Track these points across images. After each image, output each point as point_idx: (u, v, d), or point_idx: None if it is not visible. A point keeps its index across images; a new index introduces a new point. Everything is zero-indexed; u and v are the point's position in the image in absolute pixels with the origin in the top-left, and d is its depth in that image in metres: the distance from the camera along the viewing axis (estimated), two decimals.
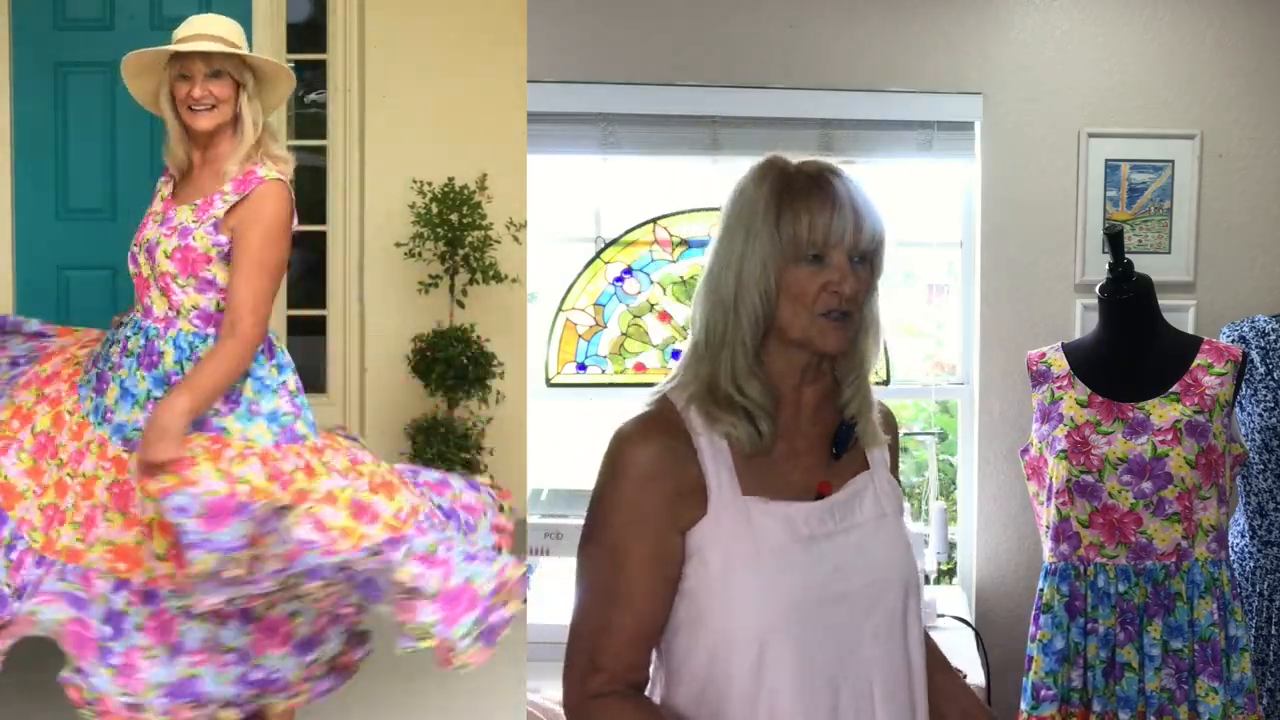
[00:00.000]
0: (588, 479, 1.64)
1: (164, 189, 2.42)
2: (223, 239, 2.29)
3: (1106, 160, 3.45)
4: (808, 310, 1.58)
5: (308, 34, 3.93)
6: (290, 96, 2.50)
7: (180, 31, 2.34)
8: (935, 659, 1.81)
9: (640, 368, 3.59)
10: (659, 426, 1.59)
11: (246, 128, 2.33)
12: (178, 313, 2.31)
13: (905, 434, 4.19)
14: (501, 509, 2.57)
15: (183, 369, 2.30)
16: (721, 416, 1.58)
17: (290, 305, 4.01)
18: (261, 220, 2.29)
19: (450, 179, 3.59)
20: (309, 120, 3.94)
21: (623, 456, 1.57)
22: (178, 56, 2.31)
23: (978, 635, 3.26)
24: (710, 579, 1.57)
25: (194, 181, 2.38)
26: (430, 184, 3.59)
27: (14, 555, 2.21)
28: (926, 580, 3.30)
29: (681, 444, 1.57)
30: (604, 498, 1.59)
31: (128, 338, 2.34)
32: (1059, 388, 2.80)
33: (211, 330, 2.32)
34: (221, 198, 2.30)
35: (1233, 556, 2.99)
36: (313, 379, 4.01)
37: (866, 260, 1.60)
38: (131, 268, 2.39)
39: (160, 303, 2.33)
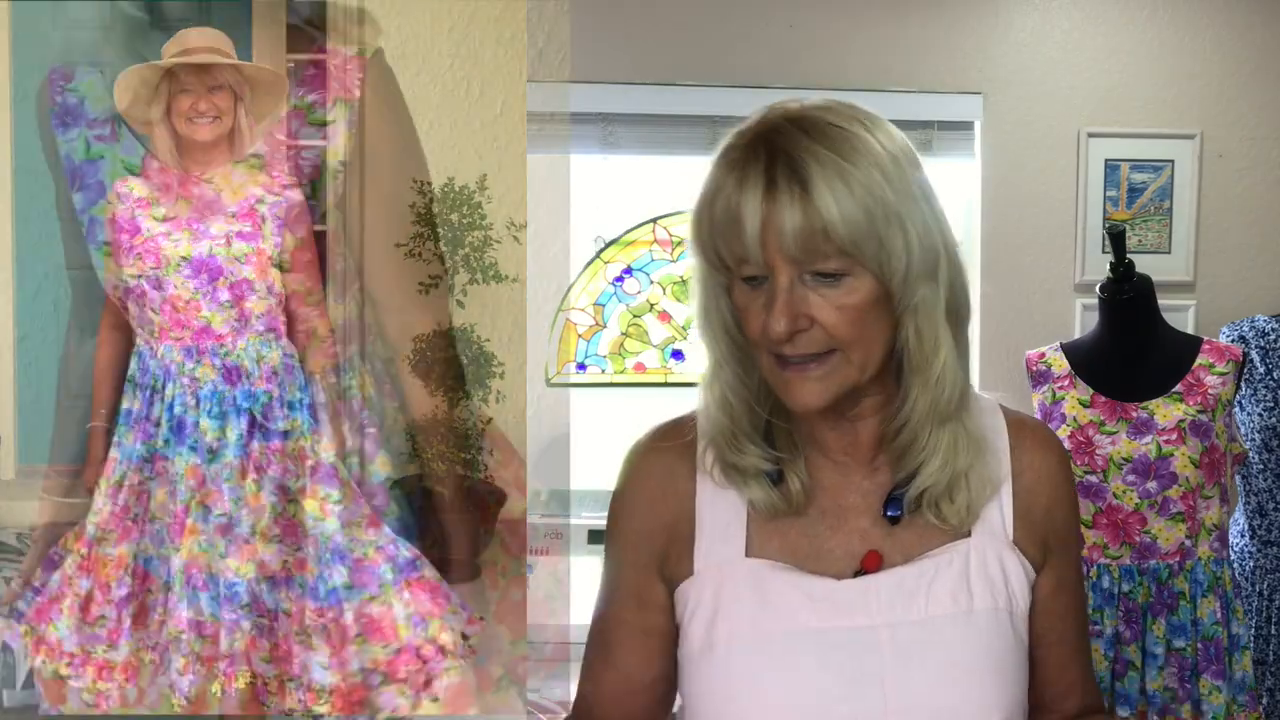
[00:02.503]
0: (588, 479, 1.62)
1: (143, 208, 2.47)
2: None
3: (1106, 160, 3.44)
4: (762, 349, 1.11)
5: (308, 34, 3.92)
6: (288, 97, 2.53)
7: (171, 46, 2.39)
8: None
9: (640, 368, 3.59)
10: (669, 448, 1.23)
11: (244, 137, 2.44)
12: (246, 322, 2.41)
13: None
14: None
15: (254, 376, 2.42)
16: (735, 478, 1.18)
17: None
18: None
19: (450, 179, 3.59)
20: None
21: (625, 469, 1.27)
22: (174, 70, 2.35)
23: None
24: (688, 658, 1.18)
25: (202, 193, 2.43)
26: (430, 184, 3.58)
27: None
28: None
29: (682, 479, 1.22)
30: (609, 510, 1.30)
31: (189, 372, 2.40)
32: (1060, 388, 2.80)
33: (272, 334, 2.44)
34: (263, 203, 2.47)
35: (1232, 556, 2.99)
36: None
37: (837, 270, 1.09)
38: (161, 291, 2.43)
39: (226, 315, 2.39)
